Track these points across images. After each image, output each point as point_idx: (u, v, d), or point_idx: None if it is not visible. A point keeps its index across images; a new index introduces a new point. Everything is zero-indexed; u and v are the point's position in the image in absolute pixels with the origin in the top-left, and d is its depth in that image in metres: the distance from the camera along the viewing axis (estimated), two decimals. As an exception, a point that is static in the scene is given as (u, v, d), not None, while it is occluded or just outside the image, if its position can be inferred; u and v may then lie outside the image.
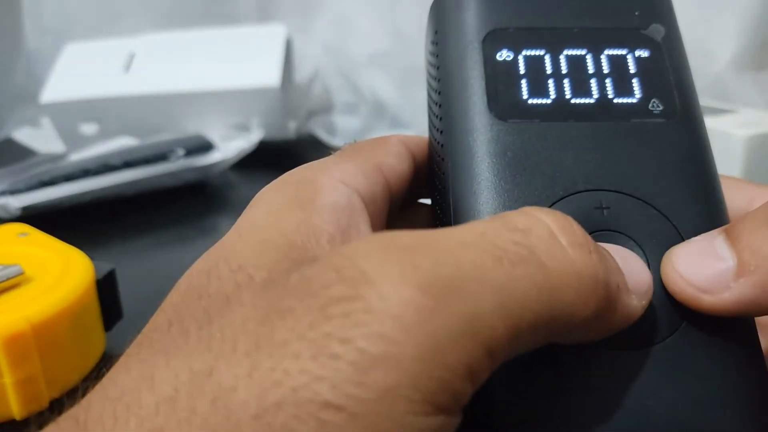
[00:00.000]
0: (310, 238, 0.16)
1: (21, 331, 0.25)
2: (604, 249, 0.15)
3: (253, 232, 0.16)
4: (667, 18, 0.20)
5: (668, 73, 0.20)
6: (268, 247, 0.15)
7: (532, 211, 0.15)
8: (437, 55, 0.20)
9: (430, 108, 0.21)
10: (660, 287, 0.17)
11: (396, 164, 0.20)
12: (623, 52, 0.20)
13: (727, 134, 0.37)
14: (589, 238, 0.15)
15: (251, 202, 0.18)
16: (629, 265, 0.16)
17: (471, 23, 0.20)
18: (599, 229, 0.17)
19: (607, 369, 0.16)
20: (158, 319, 0.15)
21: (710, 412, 0.15)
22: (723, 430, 0.15)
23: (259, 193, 0.18)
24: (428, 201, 0.22)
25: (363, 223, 0.17)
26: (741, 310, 0.16)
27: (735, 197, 0.19)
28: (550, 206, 0.17)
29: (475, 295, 0.13)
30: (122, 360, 0.15)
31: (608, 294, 0.14)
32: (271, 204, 0.17)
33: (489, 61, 0.19)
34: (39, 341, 0.26)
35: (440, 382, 0.12)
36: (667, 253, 0.17)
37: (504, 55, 0.19)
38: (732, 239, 0.16)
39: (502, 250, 0.13)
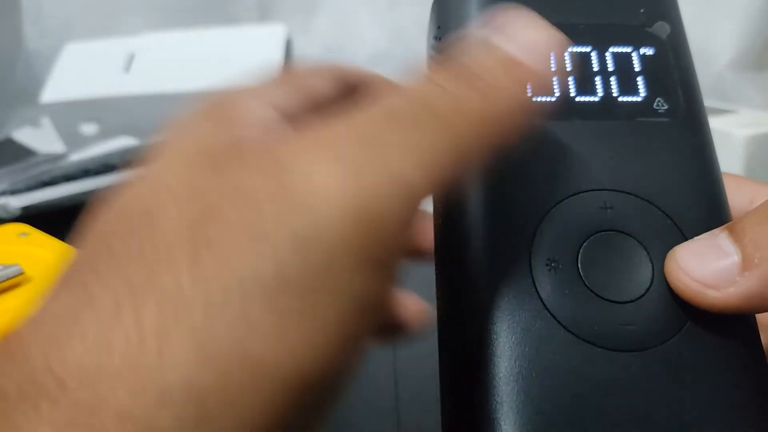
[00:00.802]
0: (228, 144, 0.16)
1: (21, 331, 0.25)
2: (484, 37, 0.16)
3: (168, 145, 0.16)
4: (673, 16, 0.20)
5: (673, 71, 0.19)
6: (183, 154, 0.15)
7: (419, 75, 0.16)
8: (440, 51, 0.20)
9: None
10: (663, 288, 0.17)
11: (330, 92, 0.19)
12: (628, 49, 0.20)
13: (728, 134, 0.37)
14: (473, 74, 0.16)
15: (170, 123, 0.17)
16: (516, 31, 0.16)
17: (475, 18, 0.20)
18: (603, 228, 0.17)
19: (609, 371, 0.16)
20: (80, 245, 0.15)
21: (713, 414, 0.15)
22: None
23: (178, 116, 0.17)
24: None
25: None
26: (747, 305, 0.15)
27: (736, 195, 0.19)
28: (554, 206, 0.17)
29: (387, 154, 0.14)
30: (50, 291, 0.14)
31: (510, 105, 0.15)
32: (190, 122, 0.17)
33: None
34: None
35: (374, 239, 0.13)
36: (671, 252, 0.17)
37: None
38: (735, 235, 0.16)
39: (406, 117, 0.15)
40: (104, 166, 0.49)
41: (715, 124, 0.39)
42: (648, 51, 0.20)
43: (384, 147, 0.14)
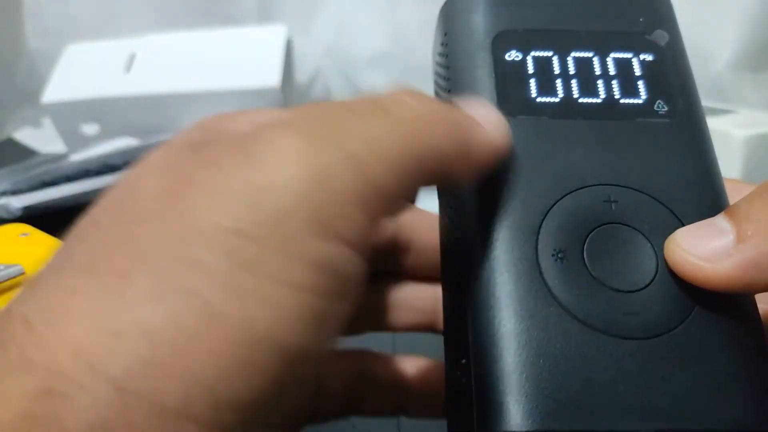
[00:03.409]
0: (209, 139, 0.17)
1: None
2: (445, 101, 0.18)
3: (159, 147, 0.17)
4: (671, 24, 0.21)
5: (672, 76, 0.20)
6: (170, 147, 0.17)
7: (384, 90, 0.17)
8: (447, 56, 0.21)
9: None
10: (667, 279, 0.17)
11: None
12: (629, 55, 0.20)
13: (726, 134, 0.37)
14: (429, 96, 0.17)
15: None
16: (473, 107, 0.18)
17: (481, 25, 0.21)
18: (607, 221, 0.18)
19: (616, 358, 0.16)
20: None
21: (719, 400, 0.16)
22: (732, 419, 0.15)
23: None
24: None
25: None
26: (743, 278, 0.16)
27: (733, 198, 0.19)
28: (559, 199, 0.18)
29: (343, 139, 0.15)
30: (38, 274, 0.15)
31: (462, 127, 0.17)
32: (183, 131, 0.18)
33: (498, 61, 0.20)
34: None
35: (331, 206, 0.14)
36: (671, 235, 0.17)
37: (513, 55, 0.20)
38: (731, 214, 0.17)
39: (360, 110, 0.16)
40: (105, 167, 0.49)
41: (714, 125, 0.39)
42: (648, 57, 0.20)
43: (340, 129, 0.15)
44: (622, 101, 0.19)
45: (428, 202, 0.22)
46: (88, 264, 0.14)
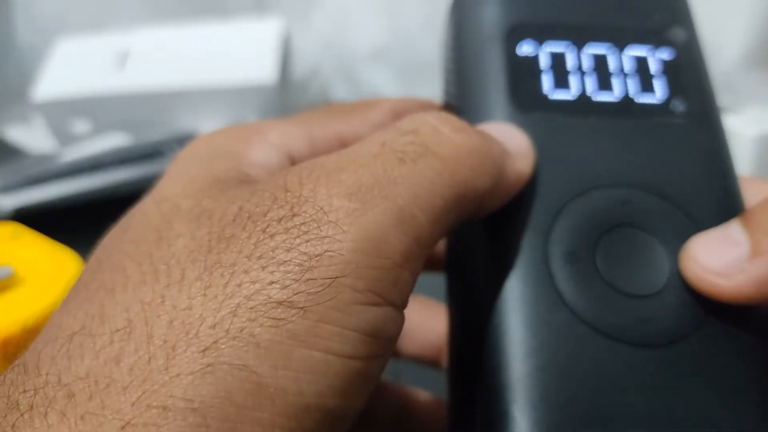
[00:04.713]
0: (237, 177, 0.17)
1: (12, 334, 0.25)
2: (482, 128, 0.17)
3: (179, 171, 0.17)
4: (688, 22, 0.21)
5: (689, 75, 0.20)
6: (194, 182, 0.16)
7: (416, 115, 0.17)
8: (457, 49, 0.21)
9: (447, 102, 0.22)
10: (680, 284, 0.16)
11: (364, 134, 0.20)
12: (645, 52, 0.20)
13: (736, 134, 0.37)
14: (466, 124, 0.17)
15: (179, 154, 0.18)
16: (505, 134, 0.17)
17: (493, 18, 0.20)
18: (620, 223, 0.17)
19: (628, 366, 0.15)
20: (89, 262, 0.16)
21: (732, 411, 0.15)
22: (746, 428, 0.15)
23: (189, 144, 0.18)
24: None
25: None
26: (757, 293, 0.15)
27: (748, 195, 0.19)
28: (571, 199, 0.17)
29: (392, 193, 0.15)
30: (60, 308, 0.15)
31: (497, 162, 0.16)
32: (200, 152, 0.18)
33: (511, 55, 0.20)
34: (30, 344, 0.25)
35: (380, 271, 0.14)
36: (685, 244, 0.17)
37: (526, 49, 0.20)
38: (746, 223, 0.16)
39: (402, 152, 0.15)
40: (98, 165, 0.48)
41: (723, 123, 0.39)
42: (665, 54, 0.20)
43: (387, 181, 0.15)
44: (637, 100, 0.19)
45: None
46: (125, 327, 0.13)
